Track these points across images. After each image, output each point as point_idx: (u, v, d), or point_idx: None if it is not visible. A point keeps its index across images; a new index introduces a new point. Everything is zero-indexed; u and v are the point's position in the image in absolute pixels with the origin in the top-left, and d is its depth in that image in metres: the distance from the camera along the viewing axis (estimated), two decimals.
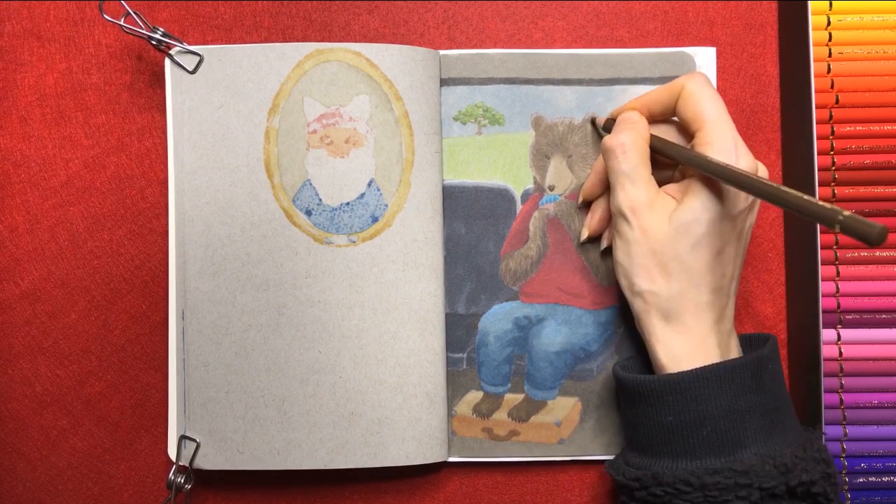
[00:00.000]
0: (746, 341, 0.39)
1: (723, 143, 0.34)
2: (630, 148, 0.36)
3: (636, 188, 0.36)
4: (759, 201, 0.37)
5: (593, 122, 0.42)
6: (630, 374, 0.37)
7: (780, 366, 0.37)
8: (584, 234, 0.42)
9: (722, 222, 0.34)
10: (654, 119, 0.39)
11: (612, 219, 0.38)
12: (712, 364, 0.34)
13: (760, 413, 0.34)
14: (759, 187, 0.31)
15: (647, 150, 0.37)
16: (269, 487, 0.43)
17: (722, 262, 0.35)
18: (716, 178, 0.33)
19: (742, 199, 0.35)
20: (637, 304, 0.36)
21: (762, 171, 0.36)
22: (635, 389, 0.36)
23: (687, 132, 0.37)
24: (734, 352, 0.36)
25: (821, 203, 0.28)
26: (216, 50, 0.41)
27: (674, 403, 0.34)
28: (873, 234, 0.26)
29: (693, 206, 0.34)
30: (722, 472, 0.33)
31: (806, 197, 0.29)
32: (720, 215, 0.34)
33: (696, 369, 0.34)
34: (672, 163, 0.39)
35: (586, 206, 0.42)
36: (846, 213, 0.27)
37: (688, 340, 0.35)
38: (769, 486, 0.33)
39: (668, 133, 0.39)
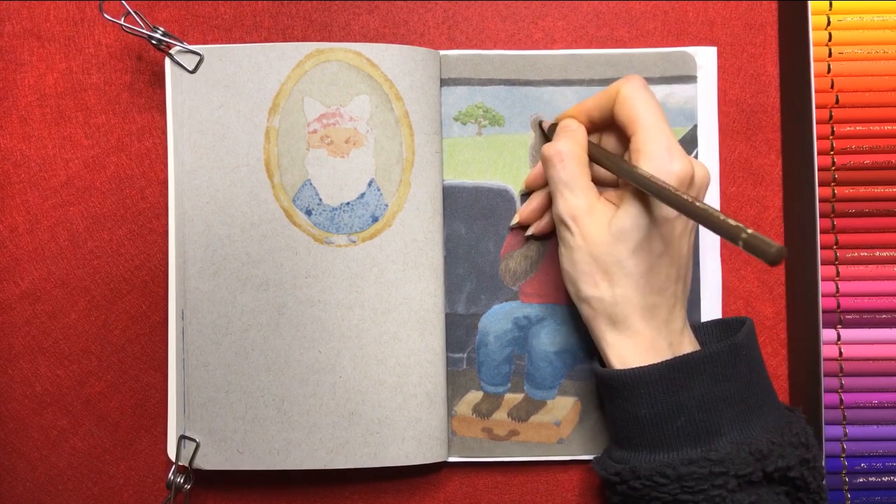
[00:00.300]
0: (724, 325, 0.39)
1: (654, 148, 0.34)
2: (567, 156, 0.36)
3: (575, 196, 0.36)
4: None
5: (540, 125, 0.42)
6: (605, 368, 0.37)
7: (757, 350, 0.36)
8: (515, 220, 0.42)
9: (661, 226, 0.34)
10: (595, 125, 0.39)
11: (555, 225, 0.38)
12: (684, 354, 0.34)
13: (736, 400, 0.34)
14: (676, 201, 0.31)
15: (585, 158, 0.37)
16: (269, 487, 0.43)
17: (665, 264, 0.35)
18: (642, 189, 0.34)
19: None
20: (584, 310, 0.37)
21: (700, 173, 0.36)
22: (610, 383, 0.36)
23: (624, 137, 0.37)
24: (687, 347, 0.36)
25: (727, 220, 0.29)
26: (216, 50, 0.41)
27: (646, 396, 0.34)
28: (771, 254, 0.27)
29: (630, 213, 0.34)
30: (697, 461, 0.33)
31: (715, 213, 0.30)
32: (658, 220, 0.34)
33: (668, 360, 0.34)
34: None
35: (529, 194, 0.42)
36: (749, 231, 0.28)
37: (636, 343, 0.35)
38: (745, 474, 0.33)
39: (609, 138, 0.39)
